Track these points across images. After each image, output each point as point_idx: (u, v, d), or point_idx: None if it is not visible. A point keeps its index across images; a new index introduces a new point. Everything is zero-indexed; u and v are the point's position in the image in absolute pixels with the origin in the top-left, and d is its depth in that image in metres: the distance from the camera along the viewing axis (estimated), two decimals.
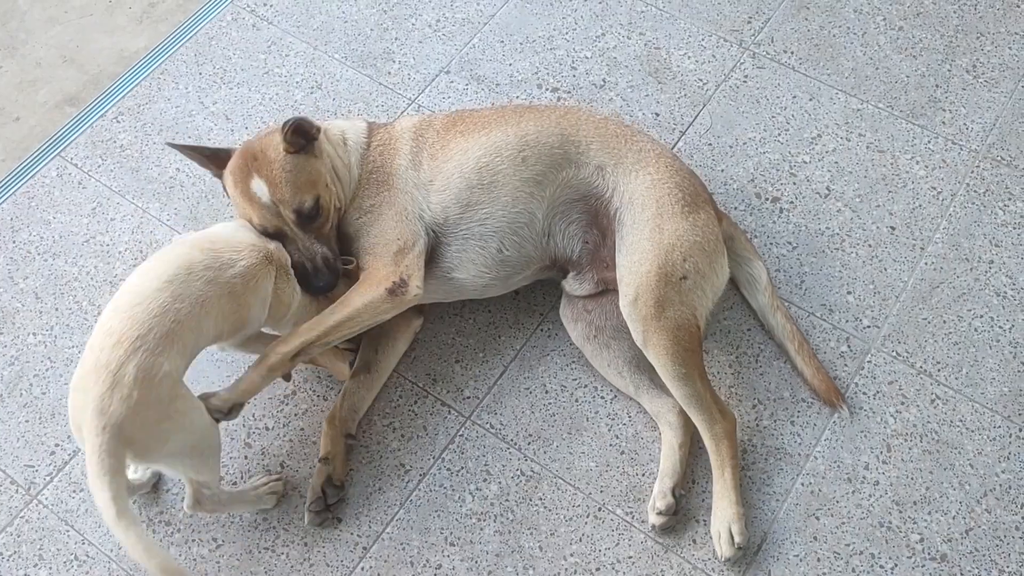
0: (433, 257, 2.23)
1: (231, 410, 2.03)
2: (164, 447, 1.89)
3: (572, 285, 2.30)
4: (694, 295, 2.12)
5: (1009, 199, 2.57)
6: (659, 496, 2.11)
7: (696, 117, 2.74)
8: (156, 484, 2.19)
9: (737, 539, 2.05)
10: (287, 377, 2.15)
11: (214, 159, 2.22)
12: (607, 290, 2.25)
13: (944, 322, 2.39)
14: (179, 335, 1.87)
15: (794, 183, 2.61)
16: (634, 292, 2.12)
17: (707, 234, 2.17)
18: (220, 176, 2.21)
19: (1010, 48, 2.84)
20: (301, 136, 2.13)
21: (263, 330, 2.18)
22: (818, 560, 2.09)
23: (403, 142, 2.28)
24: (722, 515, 2.08)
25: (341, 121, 2.34)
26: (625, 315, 2.14)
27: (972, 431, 2.24)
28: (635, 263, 2.13)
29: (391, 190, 2.22)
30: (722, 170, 2.63)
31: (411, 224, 2.19)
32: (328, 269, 2.15)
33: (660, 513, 2.10)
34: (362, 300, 2.11)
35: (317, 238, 2.15)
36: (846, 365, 2.33)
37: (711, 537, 2.09)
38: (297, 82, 2.85)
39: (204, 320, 1.92)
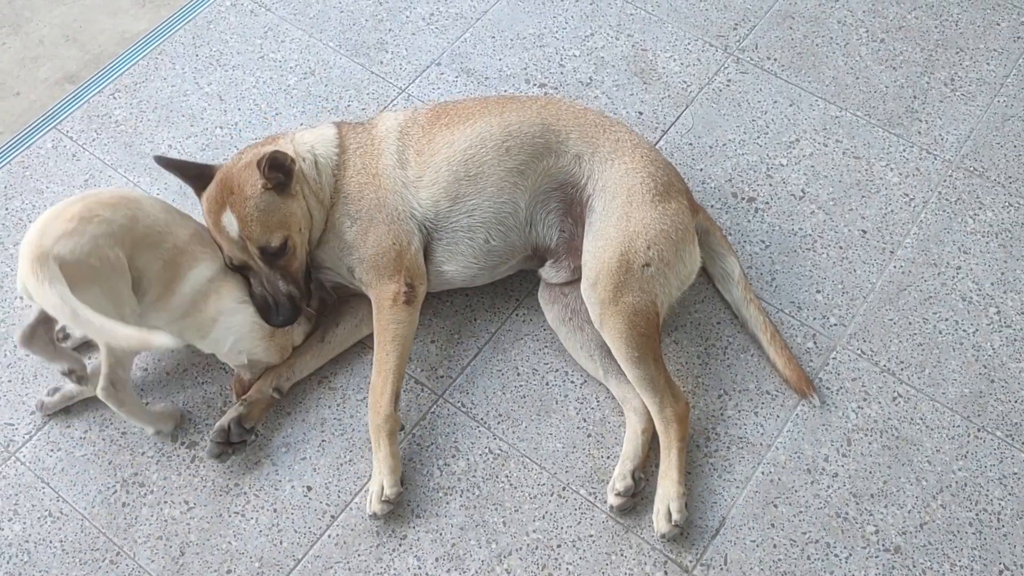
0: (425, 253, 2.29)
1: (402, 490, 2.15)
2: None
3: (549, 273, 2.36)
4: (655, 282, 2.18)
5: (979, 208, 2.63)
6: (619, 478, 2.16)
7: (678, 117, 2.81)
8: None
9: (675, 516, 2.11)
10: (402, 428, 2.23)
11: (198, 179, 2.20)
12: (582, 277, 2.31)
13: (910, 323, 2.44)
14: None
15: (770, 184, 2.67)
16: (594, 275, 2.18)
17: (676, 223, 2.23)
18: (199, 195, 2.22)
19: (988, 64, 2.91)
20: (277, 170, 2.12)
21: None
22: (774, 546, 2.14)
23: (388, 142, 2.30)
24: (664, 493, 2.14)
25: (308, 133, 2.32)
26: (585, 297, 2.20)
27: (932, 429, 2.29)
28: (599, 248, 2.20)
29: (379, 191, 2.25)
30: (701, 169, 2.70)
31: (404, 224, 2.24)
32: (290, 305, 2.18)
33: (619, 494, 2.15)
34: (392, 323, 2.19)
35: (283, 275, 2.17)
36: (811, 361, 2.38)
37: (651, 513, 2.15)
38: (291, 67, 2.92)
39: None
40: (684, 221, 2.26)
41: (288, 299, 2.17)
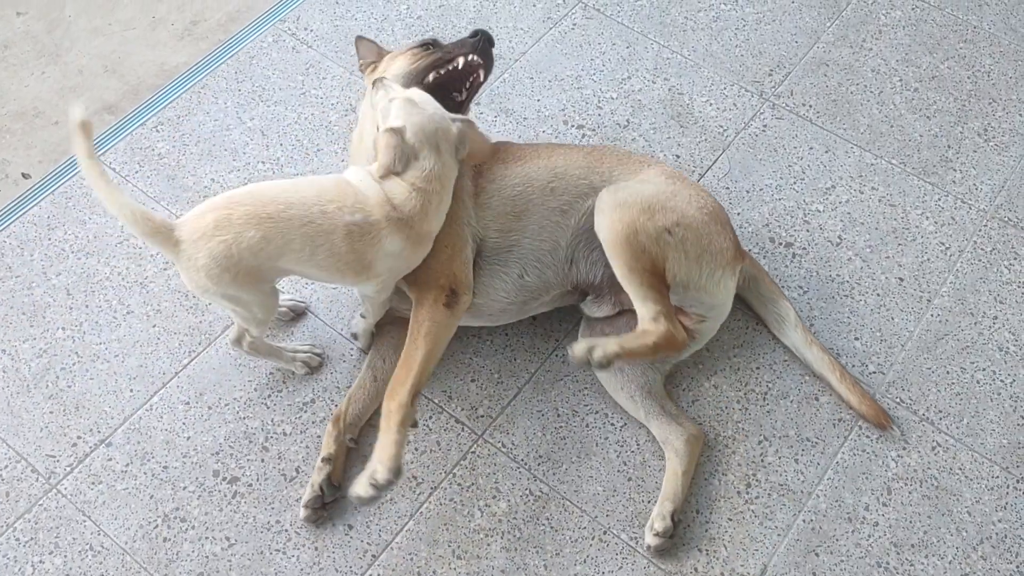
0: None
1: (394, 480, 2.05)
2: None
3: (591, 308, 2.37)
4: (669, 248, 2.16)
5: (1015, 258, 2.65)
6: (658, 518, 2.17)
7: (715, 161, 2.83)
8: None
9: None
10: (415, 424, 2.17)
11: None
12: (624, 311, 2.32)
13: (947, 373, 2.45)
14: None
15: (807, 230, 2.69)
16: (614, 204, 2.20)
17: (712, 237, 2.23)
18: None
19: (1020, 115, 2.95)
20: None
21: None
22: None
23: None
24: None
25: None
26: (596, 206, 2.24)
27: (971, 479, 2.30)
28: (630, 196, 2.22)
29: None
30: (738, 213, 2.72)
31: (459, 229, 2.25)
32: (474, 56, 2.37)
33: (657, 535, 2.15)
34: (427, 320, 2.18)
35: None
36: (851, 408, 2.39)
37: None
38: (332, 104, 2.94)
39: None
40: (722, 245, 2.25)
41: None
